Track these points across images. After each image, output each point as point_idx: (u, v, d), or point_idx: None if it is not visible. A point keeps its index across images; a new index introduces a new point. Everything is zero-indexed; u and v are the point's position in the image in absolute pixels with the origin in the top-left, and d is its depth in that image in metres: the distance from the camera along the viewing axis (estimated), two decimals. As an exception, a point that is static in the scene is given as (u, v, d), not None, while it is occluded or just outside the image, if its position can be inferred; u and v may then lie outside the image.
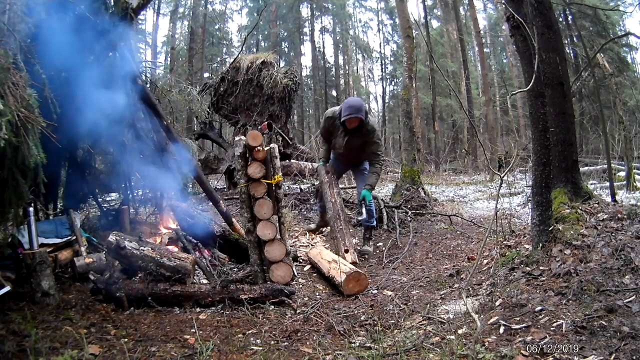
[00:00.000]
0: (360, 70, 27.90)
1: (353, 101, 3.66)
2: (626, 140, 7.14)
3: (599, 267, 2.05)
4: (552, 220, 2.54)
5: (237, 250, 3.27)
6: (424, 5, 19.48)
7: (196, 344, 1.94)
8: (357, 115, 3.55)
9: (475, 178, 11.16)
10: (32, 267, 2.30)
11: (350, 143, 3.77)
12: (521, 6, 2.77)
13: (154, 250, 2.61)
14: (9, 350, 1.71)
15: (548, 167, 2.69)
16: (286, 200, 5.56)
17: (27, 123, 1.97)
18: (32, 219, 2.43)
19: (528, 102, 2.89)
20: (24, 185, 2.12)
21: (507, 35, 13.82)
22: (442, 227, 4.79)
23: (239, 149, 2.88)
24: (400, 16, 7.08)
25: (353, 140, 3.75)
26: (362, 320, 2.34)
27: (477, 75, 20.06)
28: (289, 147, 7.87)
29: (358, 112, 3.55)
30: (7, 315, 2.04)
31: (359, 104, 3.62)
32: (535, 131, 2.76)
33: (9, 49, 2.09)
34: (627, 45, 10.44)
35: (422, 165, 10.83)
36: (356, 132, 3.69)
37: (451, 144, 17.66)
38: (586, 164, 9.11)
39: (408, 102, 6.49)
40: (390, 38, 25.23)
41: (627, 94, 9.72)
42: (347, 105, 3.61)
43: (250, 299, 2.51)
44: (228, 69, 7.81)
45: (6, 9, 2.22)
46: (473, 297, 2.43)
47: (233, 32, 24.50)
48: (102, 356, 1.78)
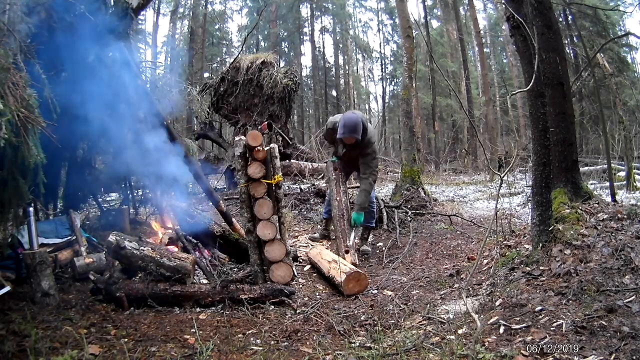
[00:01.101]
0: (360, 70, 27.92)
1: (349, 120, 3.60)
2: (626, 140, 7.14)
3: (599, 267, 2.05)
4: (552, 220, 2.54)
5: (237, 250, 3.27)
6: (424, 5, 19.47)
7: (196, 344, 1.94)
8: (352, 135, 3.57)
9: (475, 178, 11.16)
10: (32, 267, 2.30)
11: (348, 154, 3.90)
12: (521, 6, 2.77)
13: (154, 250, 2.61)
14: (9, 350, 1.71)
15: (548, 167, 2.69)
16: (286, 200, 5.56)
17: (27, 123, 1.97)
18: (32, 219, 2.43)
19: (528, 102, 2.89)
20: (24, 185, 2.12)
21: (507, 35, 13.84)
22: (442, 227, 4.79)
23: (239, 149, 2.88)
24: (400, 16, 7.08)
25: (350, 153, 3.87)
26: (362, 320, 2.34)
27: (477, 75, 20.04)
28: (289, 147, 7.88)
29: (353, 133, 3.56)
30: (7, 315, 2.04)
31: (354, 124, 3.56)
32: (535, 131, 2.76)
33: (9, 49, 2.09)
34: (627, 45, 10.44)
35: (422, 165, 10.83)
36: (353, 146, 3.77)
37: (451, 144, 17.66)
38: (586, 164, 9.11)
39: (408, 102, 6.49)
40: (390, 38, 25.24)
41: (627, 94, 9.72)
42: (343, 124, 3.60)
43: (250, 299, 2.51)
44: (228, 69, 7.82)
45: (6, 9, 2.22)
46: (473, 297, 2.43)
47: (233, 32, 24.52)
48: (102, 356, 1.78)
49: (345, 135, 3.59)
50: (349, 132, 3.56)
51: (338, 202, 3.83)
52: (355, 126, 3.57)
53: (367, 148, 3.74)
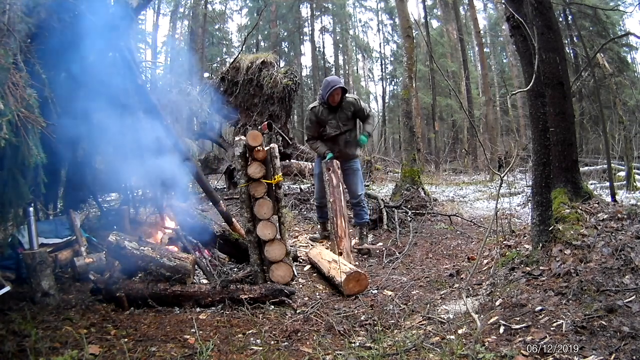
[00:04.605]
0: (360, 70, 27.91)
1: (329, 78, 3.96)
2: (626, 140, 7.14)
3: (599, 267, 2.05)
4: (552, 220, 2.54)
5: (237, 250, 3.27)
6: (424, 5, 19.48)
7: (196, 344, 1.94)
8: (338, 85, 3.80)
9: (475, 178, 11.15)
10: (32, 267, 2.30)
11: (341, 119, 3.96)
12: (521, 6, 2.77)
13: (154, 250, 2.61)
14: (9, 350, 1.72)
15: (548, 167, 2.69)
16: (286, 200, 5.56)
17: (27, 123, 1.97)
18: (32, 219, 2.43)
19: (528, 102, 2.89)
20: (24, 185, 2.12)
21: (507, 35, 13.81)
22: (442, 227, 4.79)
23: (239, 149, 2.88)
24: (400, 16, 7.07)
25: (342, 115, 3.96)
26: (362, 320, 2.34)
27: (477, 75, 20.04)
28: (289, 147, 7.88)
29: (338, 83, 3.83)
30: (7, 315, 2.04)
31: (335, 78, 3.95)
32: (535, 131, 2.76)
33: (9, 49, 2.09)
34: (627, 45, 10.42)
35: (422, 165, 10.83)
36: (342, 106, 3.93)
37: (451, 144, 17.65)
38: (586, 164, 9.11)
39: (408, 102, 6.49)
40: (390, 38, 25.23)
41: (627, 94, 9.71)
42: (325, 83, 3.89)
43: (250, 299, 2.51)
44: (228, 69, 7.81)
45: (6, 9, 2.22)
46: (473, 297, 2.43)
47: (233, 32, 24.50)
48: (102, 356, 1.78)
49: (334, 85, 3.78)
50: (335, 82, 3.83)
51: (332, 203, 3.77)
52: (337, 78, 3.94)
53: (356, 102, 3.97)
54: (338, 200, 3.77)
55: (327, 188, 3.86)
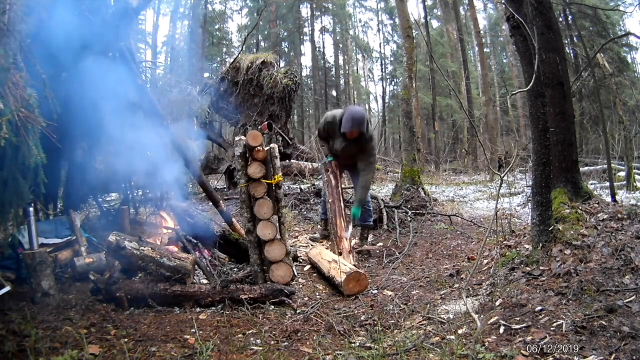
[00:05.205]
0: (360, 70, 27.89)
1: (357, 113, 3.57)
2: (626, 140, 7.14)
3: (599, 267, 2.05)
4: (552, 220, 2.54)
5: (237, 250, 3.27)
6: (424, 5, 19.47)
7: (196, 344, 1.94)
8: (359, 128, 3.55)
9: (475, 178, 11.16)
10: (32, 267, 2.30)
11: (347, 150, 3.83)
12: (521, 6, 2.77)
13: (154, 250, 2.61)
14: (9, 350, 1.71)
15: (548, 167, 2.68)
16: (286, 200, 5.56)
17: (27, 123, 1.97)
18: (32, 219, 2.43)
19: (528, 102, 2.88)
20: (24, 185, 2.12)
21: (507, 35, 13.82)
22: (442, 227, 4.79)
23: (239, 149, 2.88)
24: (400, 16, 7.07)
25: (350, 148, 3.80)
26: (362, 320, 2.34)
27: (477, 75, 20.03)
28: (289, 147, 7.87)
29: (360, 126, 3.54)
30: (7, 315, 2.04)
31: (361, 117, 3.55)
32: (535, 131, 2.76)
33: (9, 49, 2.09)
34: (627, 45, 10.42)
35: (422, 165, 10.83)
36: (354, 140, 3.72)
37: (451, 144, 17.65)
38: (586, 164, 9.11)
39: (408, 102, 6.49)
40: (390, 38, 25.21)
41: (627, 94, 9.71)
42: (349, 117, 3.55)
43: (250, 299, 2.51)
44: (228, 69, 7.80)
45: (6, 9, 2.22)
46: (473, 297, 2.43)
47: (233, 32, 24.47)
48: (102, 356, 1.78)
49: (354, 128, 3.53)
50: (357, 125, 3.52)
51: (331, 204, 3.78)
52: (362, 119, 3.56)
53: (368, 143, 3.74)
54: (337, 200, 3.78)
55: (327, 189, 3.87)
